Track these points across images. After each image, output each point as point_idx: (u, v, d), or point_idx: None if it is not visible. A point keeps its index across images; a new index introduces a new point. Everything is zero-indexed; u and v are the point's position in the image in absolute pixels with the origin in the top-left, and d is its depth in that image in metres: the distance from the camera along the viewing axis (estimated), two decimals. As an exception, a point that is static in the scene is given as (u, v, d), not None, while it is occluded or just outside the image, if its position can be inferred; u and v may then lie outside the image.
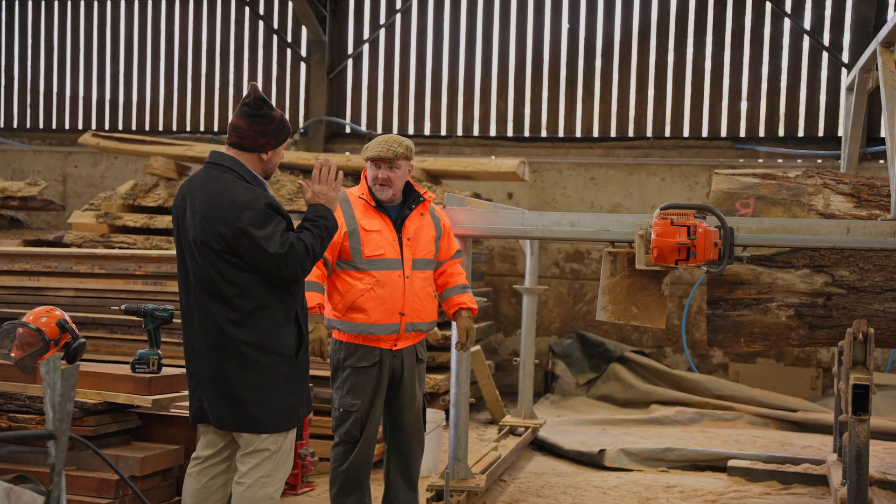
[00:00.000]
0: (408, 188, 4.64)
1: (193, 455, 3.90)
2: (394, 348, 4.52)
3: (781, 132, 9.96)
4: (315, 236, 3.74)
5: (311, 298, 4.35)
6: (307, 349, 3.87)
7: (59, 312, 4.60)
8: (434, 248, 4.65)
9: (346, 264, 4.47)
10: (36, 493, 3.34)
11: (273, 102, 11.37)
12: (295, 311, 3.79)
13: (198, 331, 3.72)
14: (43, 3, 11.97)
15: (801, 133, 9.91)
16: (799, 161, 9.70)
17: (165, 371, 4.55)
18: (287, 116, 11.05)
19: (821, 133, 9.85)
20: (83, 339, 4.63)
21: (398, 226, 4.55)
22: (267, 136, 3.75)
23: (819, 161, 9.64)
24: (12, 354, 4.47)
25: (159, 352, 4.55)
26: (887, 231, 4.77)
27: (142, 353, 4.52)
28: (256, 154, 3.76)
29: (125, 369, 4.56)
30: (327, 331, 4.58)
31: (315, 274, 4.39)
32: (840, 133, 9.05)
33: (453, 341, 5.22)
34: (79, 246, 8.43)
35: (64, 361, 4.49)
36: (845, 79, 8.04)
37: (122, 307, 4.59)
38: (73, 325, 4.62)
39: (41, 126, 12.06)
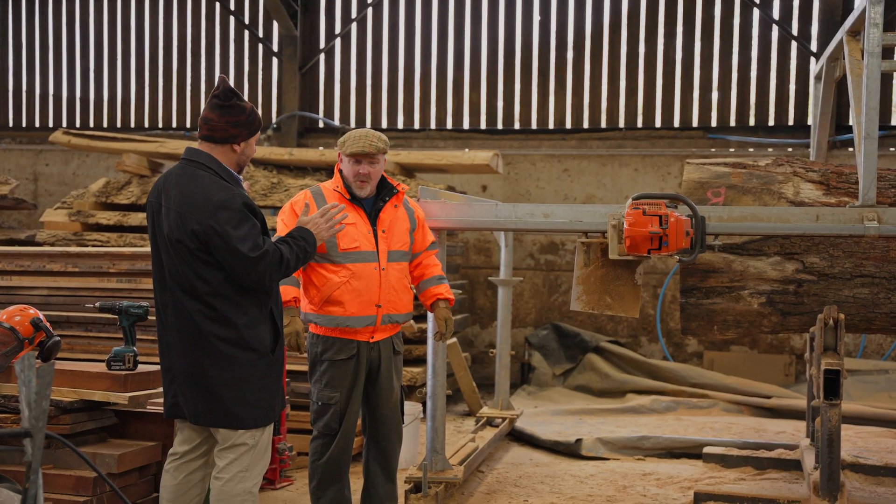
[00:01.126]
0: (381, 180, 4.66)
1: (171, 451, 3.91)
2: (371, 340, 4.54)
3: (752, 121, 10.05)
4: (293, 252, 3.77)
5: (287, 292, 4.37)
6: (283, 346, 3.88)
7: (32, 311, 4.58)
8: (409, 239, 4.66)
9: (321, 258, 4.48)
10: (12, 492, 3.33)
11: (245, 98, 11.34)
12: (269, 307, 3.80)
13: (173, 327, 3.72)
14: (10, 0, 11.87)
15: (771, 122, 10.01)
16: (769, 150, 9.80)
17: (141, 368, 4.54)
18: (260, 112, 11.01)
19: (791, 122, 9.95)
20: (58, 338, 4.61)
21: (373, 218, 4.57)
22: (238, 127, 3.75)
23: (789, 149, 9.74)
24: (-14, 354, 4.44)
25: (135, 349, 4.53)
26: (856, 218, 4.84)
27: (117, 350, 4.50)
28: (229, 146, 3.76)
29: (101, 367, 4.54)
30: (304, 325, 4.59)
31: None
32: (810, 122, 9.14)
33: (430, 333, 5.24)
34: (51, 244, 8.37)
35: (39, 360, 4.47)
36: (814, 68, 8.13)
37: (97, 305, 4.57)
38: (48, 324, 4.60)
39: (11, 124, 11.94)
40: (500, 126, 10.58)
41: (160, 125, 11.45)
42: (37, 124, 11.84)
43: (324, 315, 4.48)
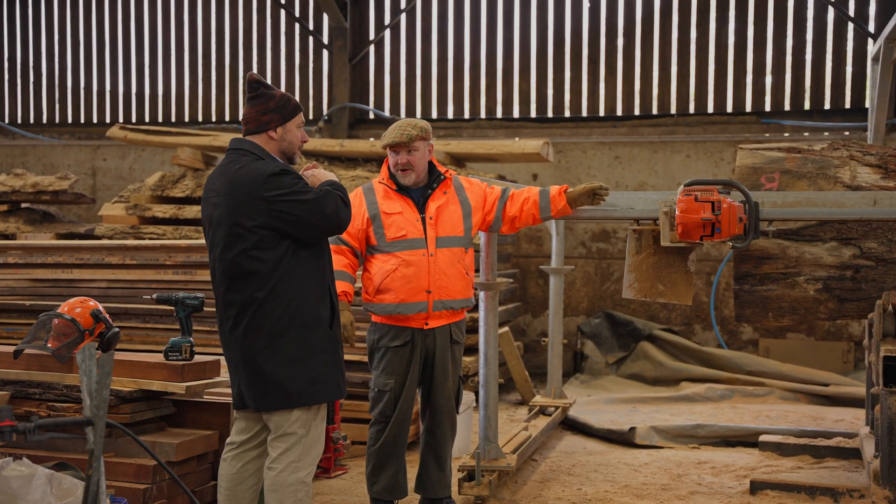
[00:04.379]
0: (431, 168, 4.70)
1: (228, 440, 3.97)
2: (425, 327, 4.59)
3: (807, 105, 9.87)
4: (338, 189, 3.84)
5: (338, 286, 4.40)
6: (339, 323, 3.92)
7: (92, 303, 4.67)
8: (463, 225, 4.68)
9: (373, 249, 4.61)
10: (76, 479, 3.42)
11: (296, 90, 11.40)
12: (327, 283, 3.85)
13: (228, 316, 3.78)
14: (69, 0, 12.10)
15: (827, 105, 9.81)
16: (825, 134, 9.62)
17: (198, 358, 4.62)
18: (310, 104, 11.17)
19: (847, 105, 9.75)
20: (117, 329, 4.71)
21: (421, 206, 4.62)
22: (268, 114, 3.85)
23: (846, 133, 9.55)
24: (49, 345, 4.55)
25: (191, 339, 4.61)
26: (915, 201, 4.73)
27: (174, 340, 4.58)
28: (265, 134, 3.86)
29: (158, 357, 4.63)
30: (367, 315, 4.71)
31: (343, 263, 4.51)
32: (867, 104, 8.94)
33: (482, 321, 5.26)
34: (110, 238, 8.54)
35: (99, 351, 4.57)
36: (871, 49, 7.95)
37: (155, 296, 4.66)
38: (107, 315, 4.70)
39: (70, 121, 12.20)
40: (550, 114, 10.53)
41: (213, 119, 11.60)
42: (94, 120, 12.08)
43: (377, 303, 4.59)
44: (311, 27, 11.20)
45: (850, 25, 9.65)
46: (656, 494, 5.36)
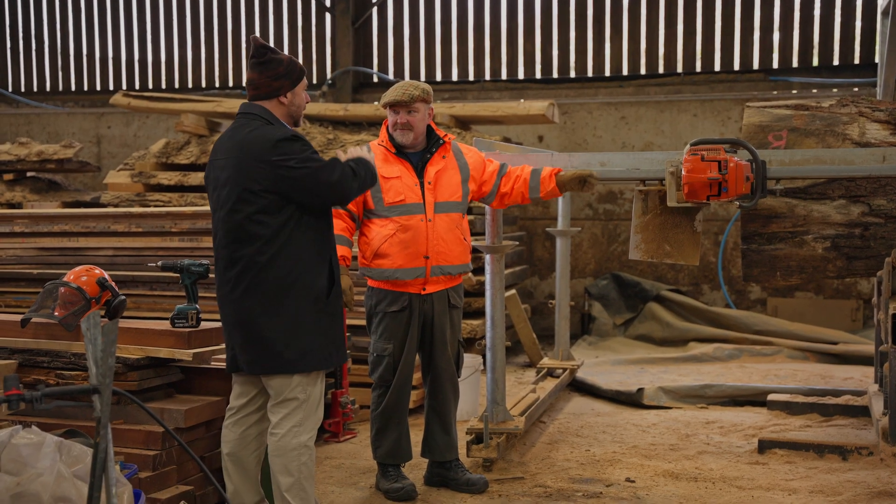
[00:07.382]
0: (429, 133, 4.66)
1: (228, 406, 4.00)
2: (423, 292, 4.59)
3: (815, 62, 9.75)
4: (358, 165, 3.86)
5: (337, 250, 4.39)
6: (338, 293, 3.91)
7: (98, 271, 4.67)
8: (461, 190, 4.66)
9: (371, 213, 4.58)
10: (85, 446, 3.44)
11: (300, 55, 11.31)
12: (328, 254, 3.84)
13: (228, 278, 3.79)
14: (67, -36, 11.98)
15: (835, 61, 9.70)
16: (834, 90, 9.52)
17: (204, 325, 4.62)
18: (314, 68, 11.09)
19: (857, 60, 9.64)
20: (123, 297, 4.70)
21: (420, 170, 4.58)
22: (279, 80, 3.83)
23: (855, 89, 9.45)
24: (55, 313, 4.55)
25: (197, 306, 4.61)
26: (924, 158, 4.68)
27: (180, 307, 4.58)
28: (276, 100, 3.85)
29: (165, 325, 4.62)
30: (363, 279, 4.69)
31: (341, 226, 4.48)
32: (877, 59, 8.84)
33: (488, 284, 5.25)
34: (115, 206, 8.54)
35: (105, 318, 4.58)
36: (881, 2, 7.84)
37: (160, 264, 4.65)
38: (113, 283, 4.69)
39: (73, 88, 12.15)
40: (555, 75, 10.44)
41: (217, 85, 11.53)
42: (98, 87, 12.02)
43: (375, 268, 4.58)
44: (313, -10, 11.09)
45: (860, -20, 9.51)
46: (665, 454, 5.38)
